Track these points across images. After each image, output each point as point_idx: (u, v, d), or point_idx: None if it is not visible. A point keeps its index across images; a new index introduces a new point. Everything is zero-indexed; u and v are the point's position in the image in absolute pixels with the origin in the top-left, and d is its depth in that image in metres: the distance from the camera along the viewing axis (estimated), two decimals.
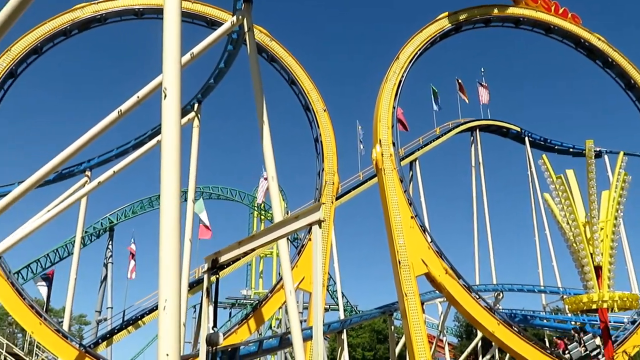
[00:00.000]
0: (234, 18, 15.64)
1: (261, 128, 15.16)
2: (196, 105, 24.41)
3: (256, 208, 45.71)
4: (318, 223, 8.52)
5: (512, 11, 26.74)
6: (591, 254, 19.40)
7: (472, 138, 38.55)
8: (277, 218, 14.97)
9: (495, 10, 26.20)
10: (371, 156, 22.43)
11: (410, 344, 20.12)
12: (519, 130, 39.04)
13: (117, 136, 47.89)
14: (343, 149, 34.84)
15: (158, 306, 7.06)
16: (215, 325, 10.10)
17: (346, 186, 32.65)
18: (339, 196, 28.45)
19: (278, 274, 41.87)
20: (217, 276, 10.74)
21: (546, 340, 34.24)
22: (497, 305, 31.47)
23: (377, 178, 23.12)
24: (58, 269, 31.52)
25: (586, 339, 21.46)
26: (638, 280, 31.92)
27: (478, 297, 21.76)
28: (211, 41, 15.10)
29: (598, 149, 34.24)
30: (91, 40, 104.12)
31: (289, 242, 30.85)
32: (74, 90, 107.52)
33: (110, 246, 35.51)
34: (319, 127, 24.57)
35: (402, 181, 21.95)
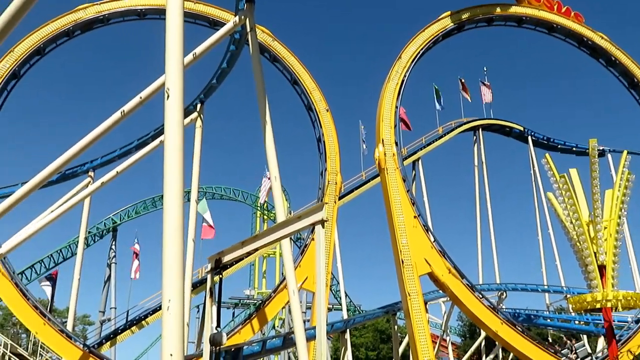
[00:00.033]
0: (236, 18, 15.61)
1: (264, 128, 15.14)
2: (199, 105, 24.38)
3: (259, 208, 45.70)
4: (321, 223, 8.53)
5: (515, 10, 26.68)
6: (595, 253, 19.30)
7: (475, 137, 38.55)
8: (280, 218, 14.96)
9: (497, 9, 26.14)
10: (374, 156, 22.43)
11: (413, 344, 20.12)
12: (522, 129, 38.97)
13: (120, 137, 48.12)
14: (345, 149, 34.71)
15: (162, 306, 7.06)
16: (218, 325, 10.14)
17: (349, 186, 32.74)
18: (342, 196, 28.47)
19: (281, 274, 41.84)
20: (221, 276, 10.77)
21: (549, 339, 34.21)
22: (501, 304, 31.41)
23: (380, 177, 23.10)
24: (62, 270, 31.54)
25: (577, 346, 21.43)
26: None
27: (481, 297, 21.75)
28: (213, 41, 15.10)
29: (601, 148, 34.16)
30: (94, 41, 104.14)
31: (292, 242, 30.95)
32: (77, 91, 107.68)
33: (113, 246, 35.53)
34: (322, 127, 24.56)
35: (405, 180, 21.96)
